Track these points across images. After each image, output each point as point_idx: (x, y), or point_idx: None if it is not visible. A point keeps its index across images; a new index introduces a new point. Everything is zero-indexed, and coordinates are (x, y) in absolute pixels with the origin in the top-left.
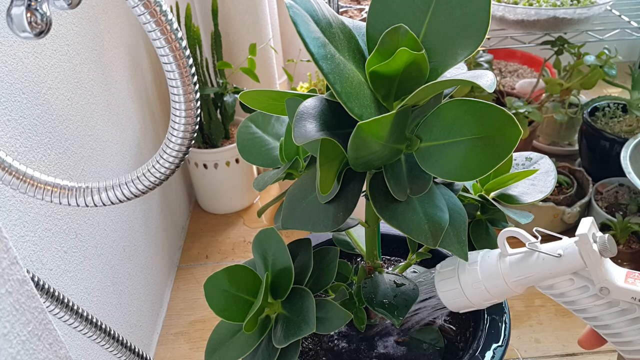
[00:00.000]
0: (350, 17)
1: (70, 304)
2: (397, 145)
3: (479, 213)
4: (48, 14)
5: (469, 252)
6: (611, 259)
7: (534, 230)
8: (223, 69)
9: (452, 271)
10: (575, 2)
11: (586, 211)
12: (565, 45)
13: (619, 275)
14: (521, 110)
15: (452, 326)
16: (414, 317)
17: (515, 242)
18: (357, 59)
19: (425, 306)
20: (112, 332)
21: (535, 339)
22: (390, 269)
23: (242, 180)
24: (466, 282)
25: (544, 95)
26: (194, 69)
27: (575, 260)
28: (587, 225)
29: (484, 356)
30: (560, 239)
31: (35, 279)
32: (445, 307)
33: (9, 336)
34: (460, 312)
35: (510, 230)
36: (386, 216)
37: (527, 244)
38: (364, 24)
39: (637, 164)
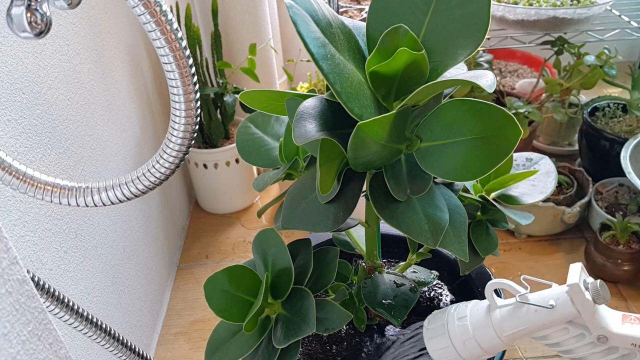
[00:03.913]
0: (350, 17)
1: (71, 303)
2: (397, 145)
3: (479, 213)
4: (48, 14)
5: (457, 305)
6: (611, 259)
7: (521, 279)
8: (223, 69)
9: (442, 327)
10: (575, 2)
11: (586, 211)
12: (565, 45)
13: (615, 320)
14: (521, 110)
15: None
16: None
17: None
18: (357, 59)
19: None
20: (112, 332)
21: None
22: (390, 269)
23: (242, 180)
24: (457, 339)
25: (544, 95)
26: (194, 69)
27: (568, 309)
28: (577, 272)
29: None
30: (550, 286)
31: (35, 279)
32: None
33: (9, 336)
34: None
35: (497, 282)
36: (386, 216)
37: (516, 297)
38: (364, 24)
39: (637, 164)
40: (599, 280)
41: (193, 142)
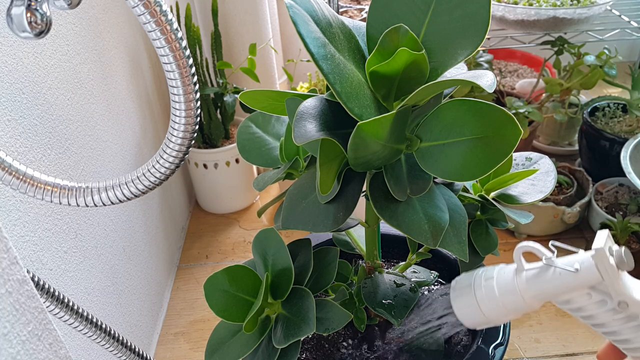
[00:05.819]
0: (350, 17)
1: (70, 304)
2: (397, 145)
3: (479, 213)
4: (48, 14)
5: (485, 268)
6: None
7: (550, 244)
8: (223, 69)
9: (468, 287)
10: (575, 2)
11: (586, 211)
12: (565, 45)
13: (637, 288)
14: (521, 110)
15: None
16: (435, 333)
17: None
18: (357, 59)
19: (446, 322)
20: (112, 332)
21: (535, 339)
22: (390, 269)
23: (242, 180)
24: (483, 298)
25: (544, 95)
26: (194, 69)
27: (592, 274)
28: (603, 238)
29: (483, 356)
30: (577, 252)
31: (35, 279)
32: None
33: (9, 336)
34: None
35: (526, 246)
36: (386, 216)
37: (543, 259)
38: (364, 24)
39: (637, 164)
40: (623, 247)
41: (193, 142)
